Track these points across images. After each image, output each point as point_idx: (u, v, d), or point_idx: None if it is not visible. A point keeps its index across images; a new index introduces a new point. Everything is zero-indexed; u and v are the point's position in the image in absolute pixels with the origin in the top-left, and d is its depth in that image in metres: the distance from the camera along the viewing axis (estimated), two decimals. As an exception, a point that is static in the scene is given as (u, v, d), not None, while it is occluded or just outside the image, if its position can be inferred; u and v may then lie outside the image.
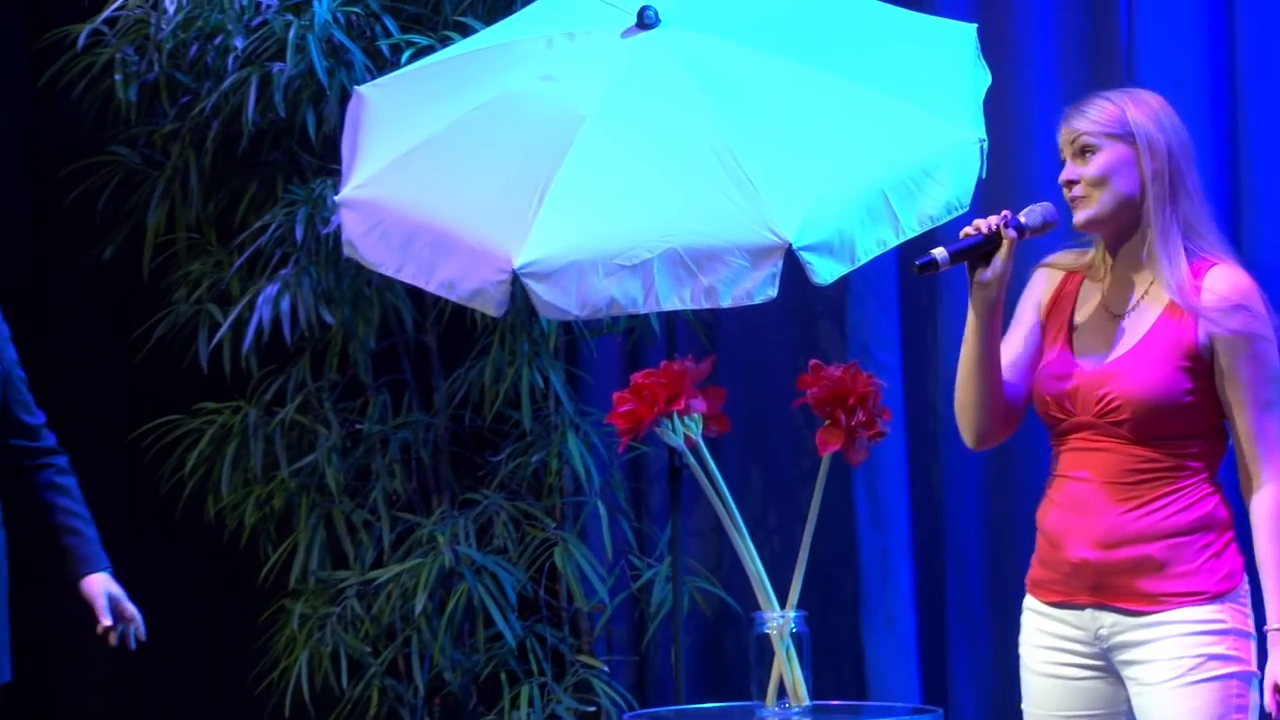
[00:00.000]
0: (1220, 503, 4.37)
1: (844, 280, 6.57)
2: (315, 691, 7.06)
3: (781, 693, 5.35)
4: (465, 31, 6.78)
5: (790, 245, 5.60)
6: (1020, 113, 7.00)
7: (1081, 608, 4.43)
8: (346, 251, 6.09)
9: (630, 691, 7.47)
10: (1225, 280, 4.34)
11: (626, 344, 7.52)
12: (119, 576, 5.92)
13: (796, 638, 5.36)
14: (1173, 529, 4.33)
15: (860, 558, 7.30)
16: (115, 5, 6.97)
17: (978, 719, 7.20)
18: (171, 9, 6.89)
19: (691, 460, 5.50)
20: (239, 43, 6.95)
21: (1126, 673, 4.39)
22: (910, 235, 5.89)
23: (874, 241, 5.81)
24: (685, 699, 6.70)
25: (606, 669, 7.22)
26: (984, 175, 5.98)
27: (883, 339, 7.25)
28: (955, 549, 7.21)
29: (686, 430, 5.47)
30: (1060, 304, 4.58)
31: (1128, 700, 4.44)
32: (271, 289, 6.94)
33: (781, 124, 5.91)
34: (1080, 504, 4.43)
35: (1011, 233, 4.52)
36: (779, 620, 5.36)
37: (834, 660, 7.19)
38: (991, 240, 4.54)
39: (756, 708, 5.38)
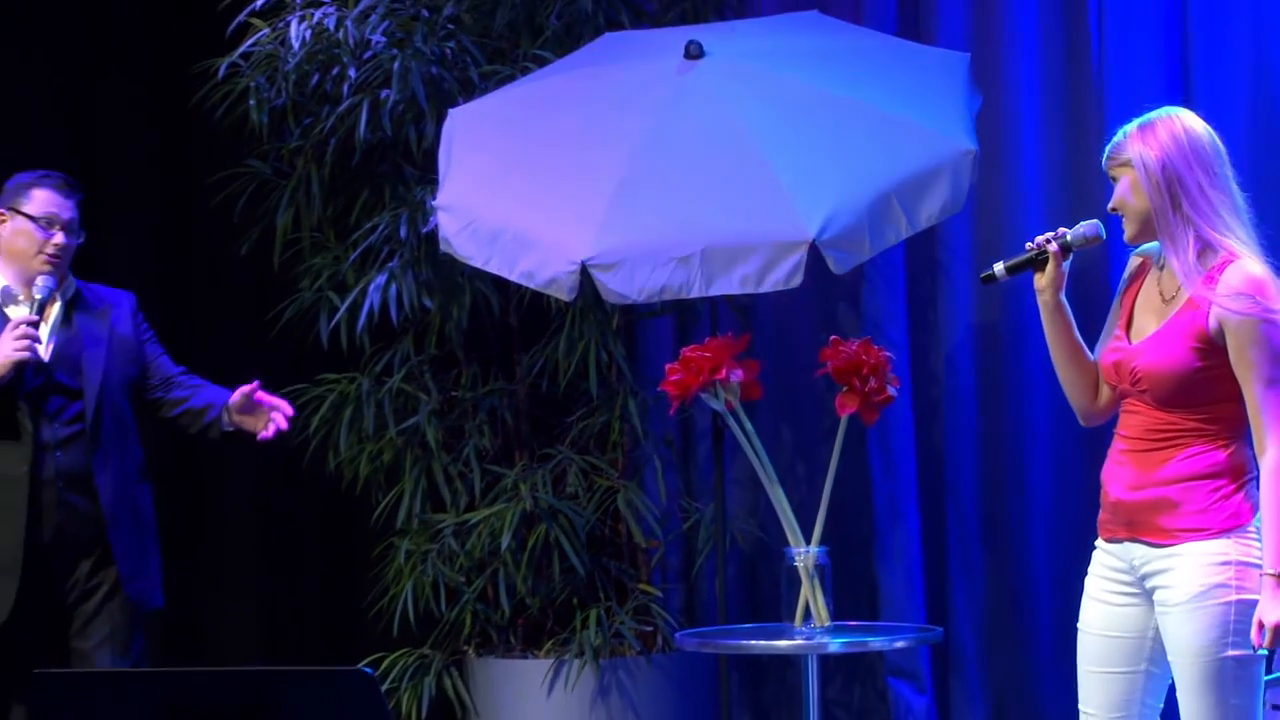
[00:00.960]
0: (1232, 456, 4.28)
1: (858, 269, 6.74)
2: (419, 615, 7.04)
3: (807, 615, 5.45)
4: (541, 63, 6.80)
5: (813, 240, 5.71)
6: (1008, 128, 6.98)
7: (1121, 541, 4.39)
8: (443, 247, 6.20)
9: (681, 614, 7.50)
10: (1236, 273, 4.24)
11: (676, 324, 7.50)
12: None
13: (820, 569, 5.47)
14: (1186, 475, 4.29)
15: (873, 502, 7.31)
16: (250, 42, 6.93)
17: (972, 637, 7.19)
18: (296, 45, 6.84)
19: (731, 421, 5.64)
20: (352, 73, 6.89)
21: (1155, 597, 4.32)
22: (913, 232, 5.99)
23: (883, 237, 5.91)
24: (728, 620, 6.69)
25: (661, 595, 7.20)
26: (975, 182, 6.03)
27: (892, 318, 7.25)
28: (954, 495, 7.22)
29: (727, 396, 5.61)
30: (1131, 289, 4.48)
31: (1155, 627, 4.36)
32: (380, 279, 6.88)
33: (806, 138, 5.98)
34: (1120, 455, 4.41)
35: (1054, 247, 4.44)
36: (805, 554, 5.47)
37: (851, 588, 7.17)
38: (1041, 255, 4.46)
39: (787, 627, 5.48)
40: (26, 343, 5.33)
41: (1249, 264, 4.29)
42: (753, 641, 5.63)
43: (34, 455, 5.38)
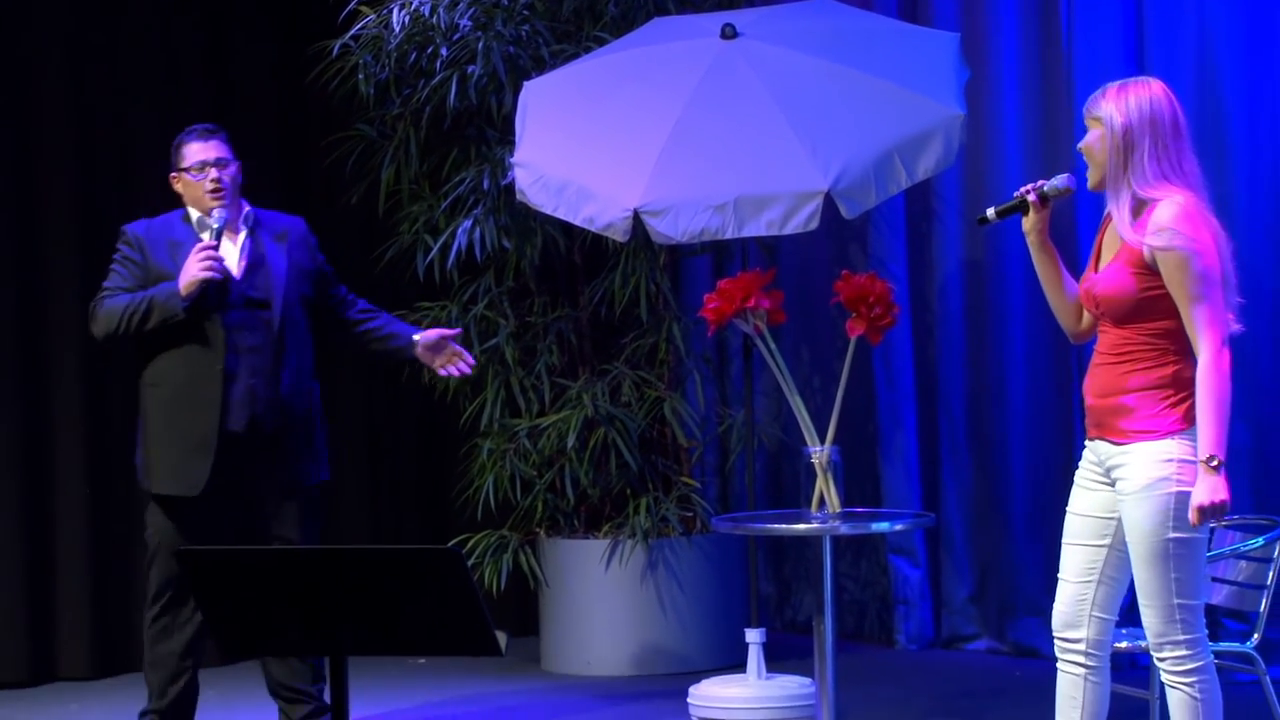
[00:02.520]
0: (1179, 371, 4.21)
1: (866, 214, 6.70)
2: (498, 503, 7.07)
3: (822, 503, 5.41)
4: (601, 43, 6.78)
5: (828, 191, 5.69)
6: (992, 96, 6.94)
7: (1094, 439, 4.34)
8: (519, 197, 6.16)
9: (716, 503, 7.53)
10: (1162, 210, 4.17)
11: (713, 260, 7.50)
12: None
13: (832, 465, 5.42)
14: (1140, 385, 4.24)
15: (877, 409, 7.32)
16: (359, 25, 6.93)
17: (960, 523, 7.19)
18: (397, 28, 6.84)
19: (758, 342, 5.60)
20: (444, 52, 6.88)
21: (1116, 486, 4.28)
22: (912, 183, 5.94)
23: (887, 188, 5.86)
24: (755, 507, 6.69)
25: (699, 487, 7.20)
26: (964, 141, 6.00)
27: (894, 255, 7.25)
28: (945, 404, 7.21)
29: (755, 321, 5.56)
30: (1103, 230, 4.38)
31: (1119, 512, 4.31)
32: (467, 223, 6.90)
33: (821, 105, 5.92)
34: (1094, 368, 4.35)
35: (1033, 197, 4.38)
36: (820, 452, 5.42)
37: (858, 480, 7.19)
38: (1022, 202, 4.39)
39: (805, 513, 5.44)
40: (209, 263, 5.34)
41: (1172, 201, 4.21)
42: (776, 525, 5.61)
43: (226, 356, 5.40)
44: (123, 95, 7.35)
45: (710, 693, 6.22)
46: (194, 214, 5.55)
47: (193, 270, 5.34)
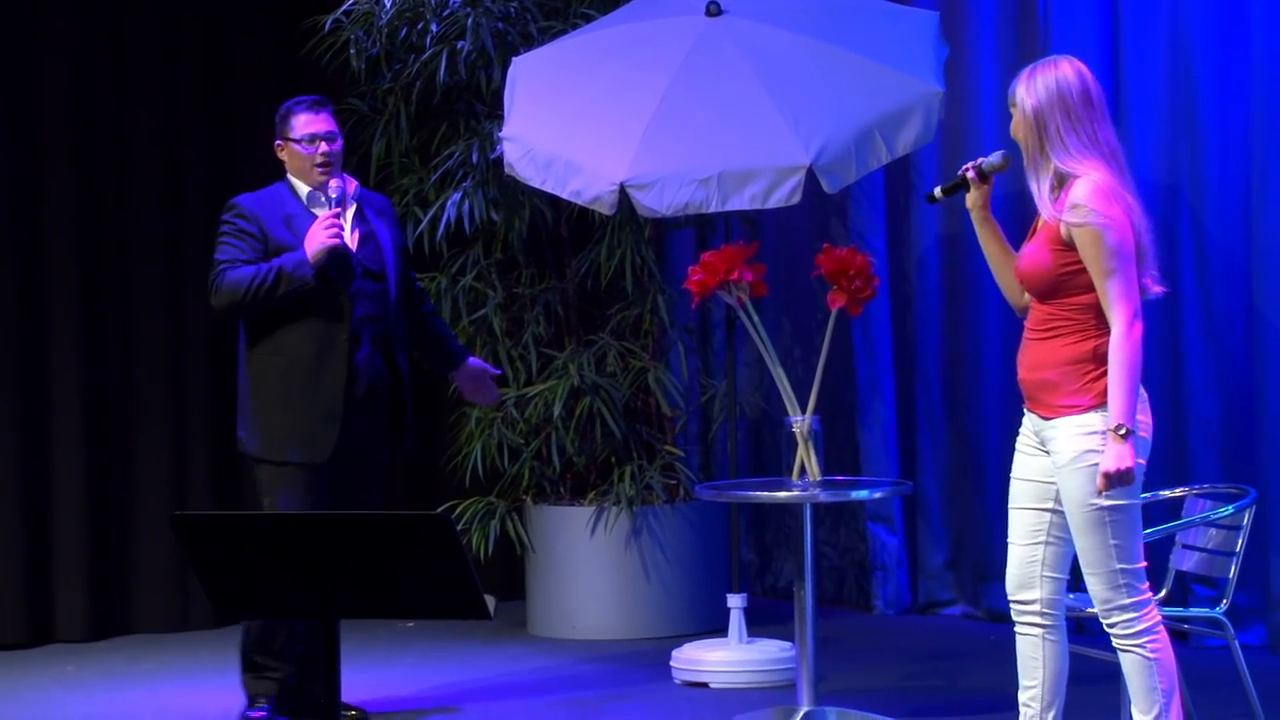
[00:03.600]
0: (1099, 346, 4.24)
1: (846, 189, 6.59)
2: (486, 470, 7.04)
3: (802, 471, 5.39)
4: (588, 19, 6.75)
5: (810, 166, 5.67)
6: (969, 74, 6.95)
7: (1028, 411, 4.40)
8: (507, 171, 6.13)
9: (699, 471, 7.52)
10: (1078, 188, 4.22)
11: (697, 233, 7.48)
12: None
13: (813, 434, 5.40)
14: (1062, 360, 4.28)
15: (857, 380, 7.32)
16: (351, 1, 6.92)
17: (936, 491, 7.20)
18: (389, 4, 6.83)
19: (741, 313, 5.57)
20: (434, 28, 6.87)
21: (1050, 458, 4.33)
22: (892, 159, 5.93)
23: (867, 163, 5.85)
24: (737, 475, 6.72)
25: (683, 455, 7.20)
26: (942, 118, 6.00)
27: (874, 229, 7.24)
28: (922, 374, 7.22)
29: (738, 293, 5.51)
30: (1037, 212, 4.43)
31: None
32: (456, 196, 6.87)
33: (803, 82, 5.90)
34: (1024, 342, 4.40)
35: (972, 174, 4.47)
36: (801, 422, 5.40)
37: (838, 449, 7.17)
38: (964, 180, 4.48)
39: (785, 480, 5.43)
40: (336, 230, 5.31)
41: (1088, 179, 4.24)
42: (757, 493, 5.61)
43: (351, 325, 5.36)
44: (120, 63, 7.31)
45: (693, 656, 6.24)
46: (299, 186, 5.49)
47: (320, 238, 5.30)
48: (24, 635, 7.10)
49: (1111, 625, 4.29)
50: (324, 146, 5.47)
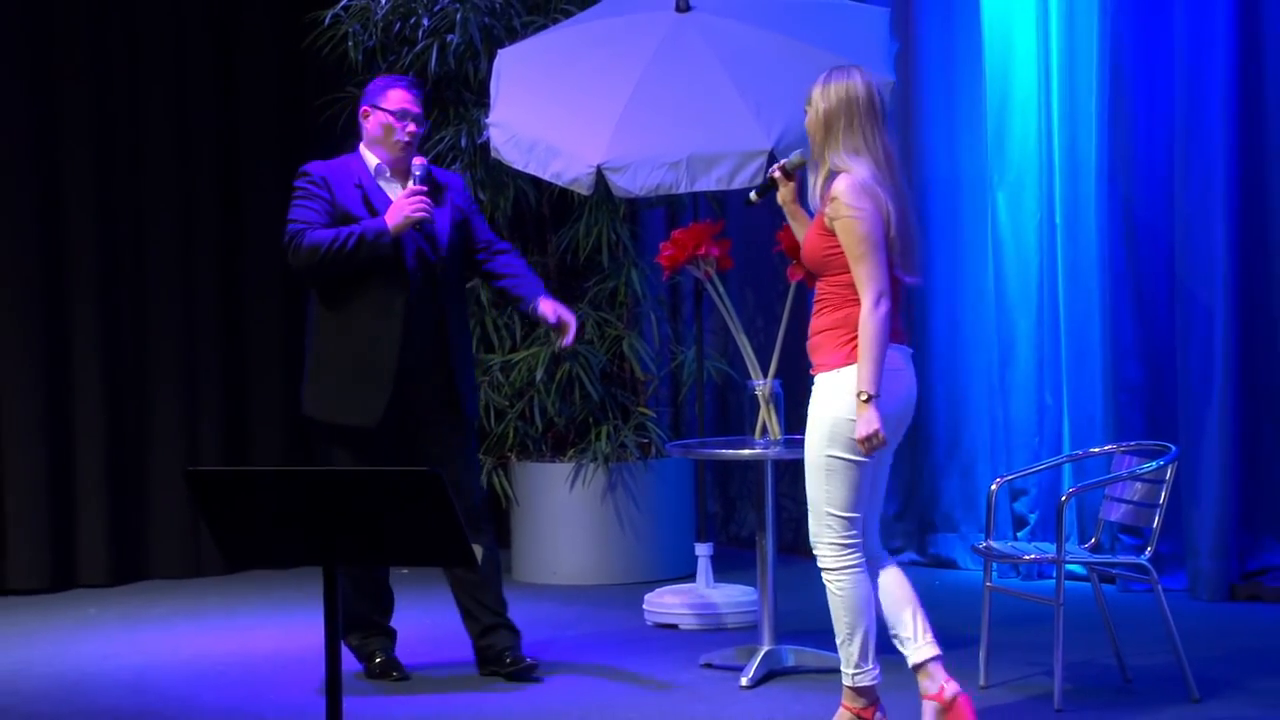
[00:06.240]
0: (850, 315, 4.40)
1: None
2: None
3: (764, 430, 5.42)
4: (568, 15, 6.75)
5: (771, 150, 5.65)
6: (915, 65, 6.99)
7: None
8: (493, 154, 6.09)
9: (669, 430, 7.53)
10: (837, 184, 4.40)
11: (668, 212, 7.50)
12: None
13: (774, 396, 5.43)
14: (823, 326, 4.47)
15: None
16: None
17: None
18: (384, 0, 6.87)
19: (708, 286, 5.60)
20: (426, 22, 6.89)
21: None
22: None
23: None
24: (705, 434, 6.72)
25: (655, 416, 7.22)
26: (893, 106, 5.92)
27: None
28: None
29: (705, 267, 5.56)
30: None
31: None
32: None
33: (766, 71, 5.89)
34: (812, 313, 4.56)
35: (776, 174, 4.73)
36: (763, 385, 5.43)
37: (797, 410, 6.93)
38: (772, 181, 4.72)
39: (749, 439, 5.45)
40: (422, 204, 5.19)
41: (847, 176, 4.40)
42: (723, 450, 5.60)
43: (409, 294, 5.22)
44: (135, 52, 7.30)
45: (663, 600, 6.28)
46: (369, 157, 5.34)
47: (406, 210, 5.15)
48: (48, 580, 7.11)
49: (817, 556, 4.51)
50: (411, 126, 5.32)
